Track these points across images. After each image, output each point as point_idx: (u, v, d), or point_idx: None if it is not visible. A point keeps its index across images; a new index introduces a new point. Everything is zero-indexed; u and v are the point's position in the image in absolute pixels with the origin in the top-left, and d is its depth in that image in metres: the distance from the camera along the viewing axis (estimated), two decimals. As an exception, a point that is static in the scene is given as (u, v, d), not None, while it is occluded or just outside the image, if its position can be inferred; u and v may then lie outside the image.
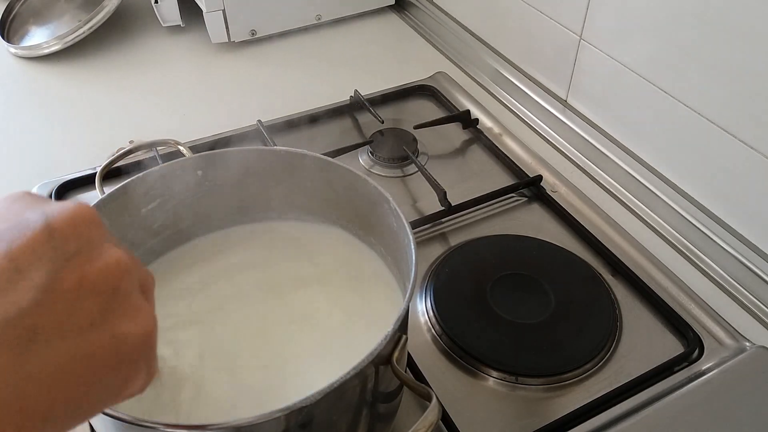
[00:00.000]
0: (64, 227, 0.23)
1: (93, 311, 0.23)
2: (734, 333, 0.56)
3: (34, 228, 0.22)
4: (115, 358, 0.24)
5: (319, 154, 0.49)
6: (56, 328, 0.22)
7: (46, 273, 0.22)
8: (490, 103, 0.86)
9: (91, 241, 0.24)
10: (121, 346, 0.24)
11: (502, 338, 0.55)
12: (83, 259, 0.23)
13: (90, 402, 0.23)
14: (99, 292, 0.23)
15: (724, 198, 0.63)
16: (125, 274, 0.24)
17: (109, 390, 0.24)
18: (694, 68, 0.62)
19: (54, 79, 0.92)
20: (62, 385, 0.22)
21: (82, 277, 0.23)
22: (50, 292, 0.22)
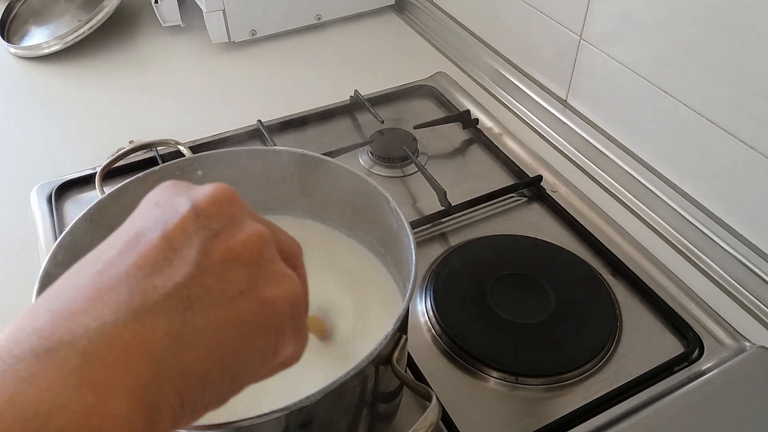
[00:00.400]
0: (208, 206, 0.25)
1: (240, 280, 0.25)
2: (734, 333, 0.56)
3: (183, 211, 0.25)
4: (264, 322, 0.25)
5: (319, 154, 0.49)
6: (208, 296, 0.24)
7: (197, 249, 0.24)
8: (490, 103, 0.86)
9: (233, 217, 0.26)
10: (268, 311, 0.25)
11: (502, 338, 0.55)
12: (227, 234, 0.25)
13: (244, 366, 0.25)
14: (244, 263, 0.25)
15: (724, 198, 0.63)
16: (265, 244, 0.26)
17: (261, 355, 0.26)
18: (694, 68, 0.62)
19: (54, 79, 0.92)
20: (217, 349, 0.23)
21: (227, 249, 0.25)
22: (200, 265, 0.24)
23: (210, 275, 0.24)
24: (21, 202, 0.70)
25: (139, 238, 0.24)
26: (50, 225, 0.66)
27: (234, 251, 0.25)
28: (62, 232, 0.42)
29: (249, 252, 0.25)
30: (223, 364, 0.24)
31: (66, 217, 0.68)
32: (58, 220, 0.67)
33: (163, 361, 0.22)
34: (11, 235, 0.68)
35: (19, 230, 0.68)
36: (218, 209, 0.26)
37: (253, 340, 0.25)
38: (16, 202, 0.71)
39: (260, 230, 0.26)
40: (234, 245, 0.25)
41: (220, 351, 0.23)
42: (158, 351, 0.22)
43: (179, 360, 0.22)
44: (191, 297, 0.23)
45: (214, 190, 0.26)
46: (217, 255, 0.24)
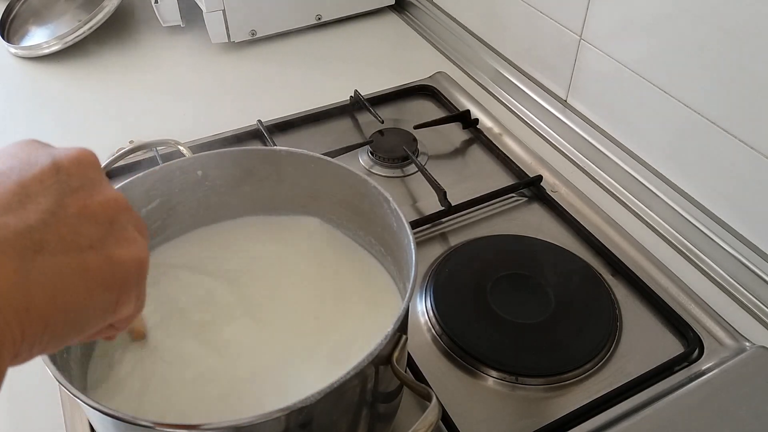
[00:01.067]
0: (69, 165, 0.26)
1: (92, 235, 0.26)
2: (734, 333, 0.56)
3: (43, 164, 0.26)
4: (109, 278, 0.26)
5: (319, 154, 0.49)
6: (59, 243, 0.25)
7: (53, 199, 0.25)
8: (490, 103, 0.86)
9: (93, 180, 0.27)
10: (115, 269, 0.27)
11: (502, 338, 0.55)
12: (86, 192, 0.26)
13: (85, 316, 0.26)
14: (98, 221, 0.26)
15: (724, 198, 0.63)
16: (122, 209, 0.28)
17: (102, 309, 0.27)
18: (694, 68, 0.62)
19: (54, 79, 0.92)
20: (62, 293, 0.24)
21: (84, 206, 0.26)
22: (55, 214, 0.25)
23: (63, 226, 0.25)
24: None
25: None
26: (50, 225, 0.66)
27: (90, 209, 0.26)
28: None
29: (105, 212, 0.27)
30: (66, 310, 0.25)
31: (66, 217, 0.68)
32: (58, 220, 0.67)
33: (10, 296, 0.23)
34: (11, 235, 0.68)
35: (19, 230, 0.68)
36: (79, 169, 0.27)
37: (97, 293, 0.26)
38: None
39: (118, 196, 0.28)
40: (91, 204, 0.26)
41: (64, 297, 0.24)
42: (7, 286, 0.22)
43: (26, 298, 0.23)
44: (42, 242, 0.24)
45: (77, 152, 0.27)
46: (73, 209, 0.25)
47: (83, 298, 0.25)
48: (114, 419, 0.32)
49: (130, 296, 0.28)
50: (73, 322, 0.26)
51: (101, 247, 0.26)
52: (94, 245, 0.26)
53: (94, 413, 0.33)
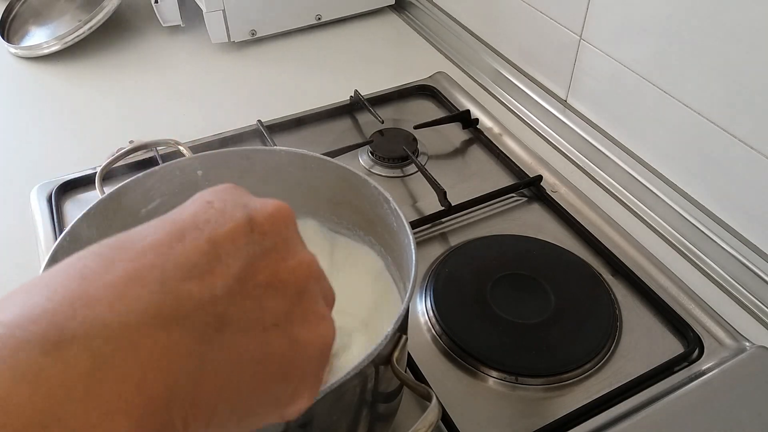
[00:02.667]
0: (264, 222, 0.23)
1: (278, 311, 0.23)
2: (734, 333, 0.56)
3: (237, 219, 0.23)
4: (290, 364, 0.23)
5: (319, 154, 0.49)
6: (242, 320, 0.21)
7: (243, 263, 0.22)
8: (490, 103, 0.86)
9: (287, 240, 0.24)
10: (298, 354, 0.23)
11: (502, 338, 0.55)
12: (278, 255, 0.23)
13: (255, 411, 0.23)
14: (287, 292, 0.23)
15: (724, 198, 0.63)
16: (313, 277, 0.24)
17: (275, 401, 0.23)
18: (694, 68, 0.62)
19: (54, 79, 0.92)
20: (235, 383, 0.21)
21: (275, 272, 0.23)
22: (243, 282, 0.22)
23: (249, 297, 0.22)
24: (21, 202, 0.70)
25: (184, 233, 0.22)
26: (50, 225, 0.66)
27: (281, 276, 0.23)
28: (62, 233, 0.42)
29: (295, 280, 0.23)
30: (235, 402, 0.21)
31: (66, 217, 0.68)
32: (58, 220, 0.67)
33: (179, 385, 0.19)
34: (11, 235, 0.68)
35: (19, 230, 0.68)
36: (274, 227, 0.24)
37: (275, 383, 0.23)
38: (16, 202, 0.71)
39: (311, 260, 0.25)
40: (282, 269, 0.23)
41: (237, 386, 0.21)
42: (177, 372, 0.19)
43: (196, 386, 0.20)
44: (224, 317, 0.21)
45: (273, 207, 0.24)
46: (263, 275, 0.22)
47: (256, 390, 0.22)
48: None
49: (307, 385, 0.24)
50: (241, 416, 0.22)
51: (286, 324, 0.23)
52: (279, 323, 0.22)
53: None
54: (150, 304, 0.19)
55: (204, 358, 0.20)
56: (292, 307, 0.23)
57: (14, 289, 0.19)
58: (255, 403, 0.22)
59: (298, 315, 0.23)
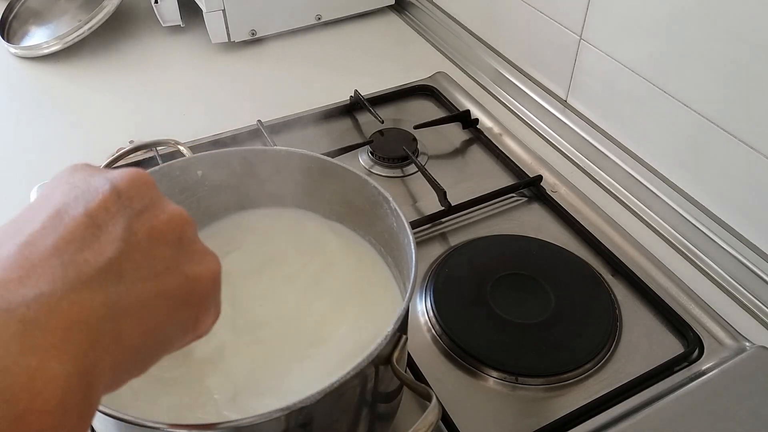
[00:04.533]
0: (129, 188, 0.26)
1: (166, 257, 0.26)
2: (734, 333, 0.56)
3: (103, 191, 0.26)
4: (189, 296, 0.27)
5: (319, 154, 0.49)
6: (138, 271, 0.25)
7: (122, 227, 0.25)
8: (490, 103, 0.86)
9: (153, 199, 0.27)
10: (193, 285, 0.27)
11: (502, 338, 0.55)
12: (150, 214, 0.26)
13: (169, 336, 0.27)
14: (167, 241, 0.26)
15: (725, 198, 0.63)
16: (187, 224, 0.28)
17: (183, 326, 0.27)
18: (694, 68, 0.62)
19: (54, 79, 0.92)
20: (148, 319, 0.25)
21: (152, 228, 0.26)
22: (128, 242, 0.25)
23: (137, 252, 0.25)
24: (21, 202, 0.70)
25: (61, 214, 0.25)
26: (50, 225, 0.66)
27: (158, 230, 0.26)
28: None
29: (172, 231, 0.27)
30: (154, 332, 0.25)
31: (66, 217, 0.68)
32: (58, 220, 0.67)
33: (101, 330, 0.23)
34: (11, 235, 0.68)
35: (19, 230, 0.68)
36: (138, 191, 0.26)
37: (178, 312, 0.26)
38: (16, 202, 0.71)
39: (180, 210, 0.28)
40: (158, 224, 0.26)
41: (151, 320, 0.25)
42: (96, 320, 0.23)
43: (116, 329, 0.23)
44: (122, 271, 0.24)
45: (132, 174, 0.27)
46: (142, 233, 0.25)
47: (167, 320, 0.26)
48: (115, 420, 0.32)
49: (209, 309, 0.28)
50: (159, 344, 0.26)
51: (176, 266, 0.26)
52: (170, 266, 0.26)
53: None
54: (56, 276, 0.23)
55: (116, 305, 0.23)
56: (177, 252, 0.27)
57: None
58: (169, 330, 0.26)
59: (184, 256, 0.27)
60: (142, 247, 0.25)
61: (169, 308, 0.26)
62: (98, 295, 0.23)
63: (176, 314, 0.26)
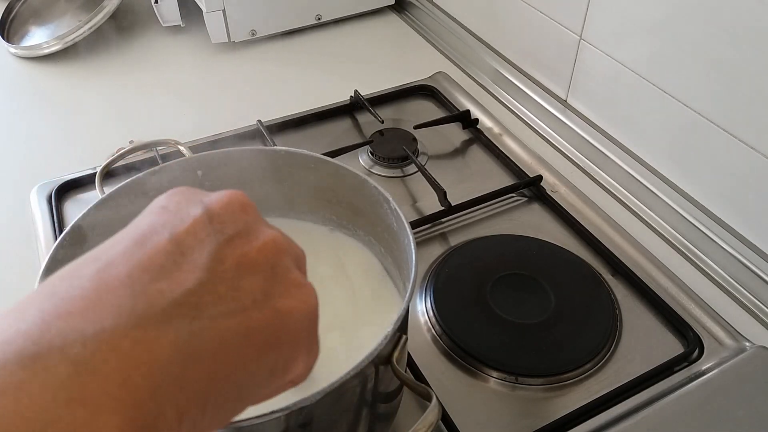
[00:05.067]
0: (222, 212, 0.24)
1: (254, 289, 0.23)
2: (734, 333, 0.56)
3: (194, 215, 0.23)
4: (277, 335, 0.23)
5: (319, 154, 0.49)
6: (219, 305, 0.22)
7: (208, 254, 0.22)
8: (490, 103, 0.86)
9: (248, 223, 0.25)
10: (284, 323, 0.24)
11: (502, 338, 0.55)
12: (242, 240, 0.24)
13: (251, 383, 0.23)
14: (258, 271, 0.24)
15: (724, 198, 0.63)
16: (282, 252, 0.25)
17: (270, 371, 0.24)
18: (694, 68, 0.62)
19: (54, 79, 0.92)
20: (224, 362, 0.21)
21: (242, 255, 0.23)
22: (212, 271, 0.22)
23: (222, 283, 0.22)
24: (21, 202, 0.70)
25: (145, 239, 0.22)
26: (50, 225, 0.66)
27: (249, 257, 0.23)
28: (62, 232, 0.42)
29: (265, 259, 0.24)
30: (228, 379, 0.22)
31: (66, 217, 0.68)
32: (58, 220, 0.67)
33: (164, 375, 0.20)
34: (11, 235, 0.68)
35: (19, 230, 0.68)
36: (232, 215, 0.24)
37: (264, 355, 0.23)
38: (16, 202, 0.71)
39: (276, 237, 0.25)
40: (249, 251, 0.24)
41: (227, 365, 0.22)
42: (160, 363, 0.20)
43: (183, 374, 0.20)
44: (200, 305, 0.21)
45: (228, 196, 0.25)
46: (230, 261, 0.23)
47: (248, 364, 0.22)
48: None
49: (300, 351, 0.25)
50: (238, 392, 0.22)
51: (265, 300, 0.23)
52: (257, 299, 0.23)
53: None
54: (122, 308, 0.20)
55: (186, 346, 0.20)
56: (268, 283, 0.24)
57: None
58: (250, 377, 0.23)
59: (276, 288, 0.24)
60: (228, 276, 0.22)
61: (252, 349, 0.22)
62: (167, 333, 0.20)
63: (262, 356, 0.23)
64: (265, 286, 0.23)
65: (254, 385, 0.23)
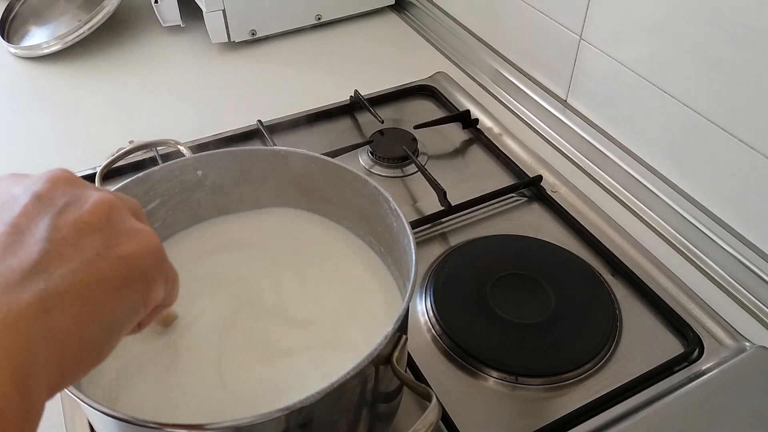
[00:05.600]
0: (47, 190, 0.27)
1: (95, 244, 0.26)
2: (734, 333, 0.56)
3: (23, 198, 0.26)
4: (127, 275, 0.27)
5: (319, 154, 0.49)
6: (66, 264, 0.25)
7: (44, 227, 0.25)
8: (490, 103, 0.86)
9: (74, 194, 0.27)
10: (129, 265, 0.27)
11: (502, 338, 0.55)
12: (73, 207, 0.26)
13: (117, 318, 0.26)
14: (95, 229, 0.26)
15: (724, 198, 0.63)
16: (113, 208, 0.28)
17: (132, 305, 0.27)
18: (694, 68, 0.62)
19: (54, 79, 0.92)
20: (85, 307, 0.25)
21: (76, 220, 0.26)
22: (52, 240, 0.25)
23: (65, 246, 0.25)
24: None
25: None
26: (50, 225, 0.66)
27: (83, 220, 0.26)
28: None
29: (98, 218, 0.27)
30: (95, 320, 0.25)
31: (66, 217, 0.68)
32: (58, 220, 0.67)
33: (32, 330, 0.22)
34: (11, 235, 0.68)
35: (19, 230, 0.68)
36: (57, 189, 0.27)
37: (120, 294, 0.26)
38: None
39: (105, 196, 0.28)
40: (82, 215, 0.26)
41: (89, 309, 0.25)
42: (26, 321, 0.22)
43: (50, 326, 0.23)
44: (50, 268, 0.24)
45: (51, 174, 0.27)
46: (67, 228, 0.26)
47: (108, 303, 0.26)
48: (115, 420, 0.32)
49: (156, 282, 0.28)
50: (106, 328, 0.26)
51: (107, 250, 0.26)
52: (100, 251, 0.26)
53: (93, 412, 0.33)
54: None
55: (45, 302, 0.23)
56: (106, 236, 0.26)
57: None
58: (114, 314, 0.26)
59: (115, 239, 0.27)
60: (69, 241, 0.25)
61: (107, 292, 0.26)
62: (27, 295, 0.23)
63: (118, 296, 0.26)
64: (104, 239, 0.26)
65: (120, 319, 0.27)
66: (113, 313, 0.26)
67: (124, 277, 0.26)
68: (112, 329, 0.26)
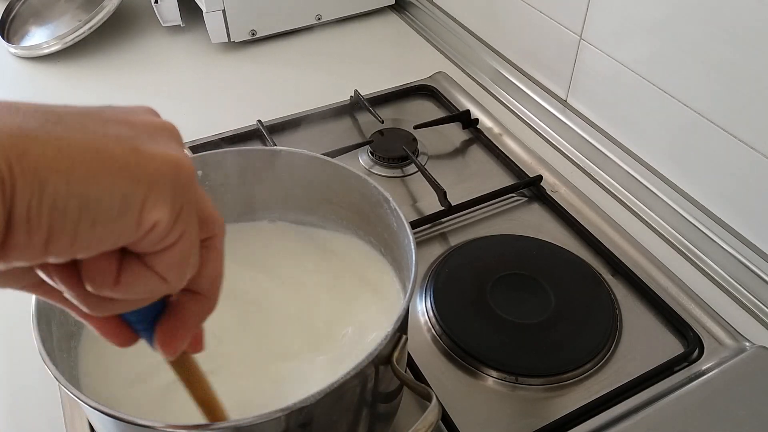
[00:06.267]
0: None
1: (121, 133, 0.24)
2: (734, 333, 0.56)
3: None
4: (135, 168, 0.23)
5: (319, 154, 0.49)
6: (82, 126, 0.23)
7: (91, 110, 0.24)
8: (490, 103, 0.86)
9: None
10: (143, 160, 0.23)
11: (502, 338, 0.55)
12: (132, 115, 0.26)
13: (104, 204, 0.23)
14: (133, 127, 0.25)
15: (724, 198, 0.63)
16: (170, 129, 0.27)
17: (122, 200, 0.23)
18: (694, 68, 0.62)
19: (54, 79, 0.92)
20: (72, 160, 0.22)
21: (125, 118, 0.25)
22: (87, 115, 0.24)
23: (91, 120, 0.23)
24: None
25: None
26: (50, 225, 0.66)
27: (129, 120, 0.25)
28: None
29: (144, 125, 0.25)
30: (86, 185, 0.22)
31: (66, 217, 0.68)
32: (58, 220, 0.67)
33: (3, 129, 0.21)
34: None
35: (19, 230, 0.68)
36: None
37: (117, 178, 0.23)
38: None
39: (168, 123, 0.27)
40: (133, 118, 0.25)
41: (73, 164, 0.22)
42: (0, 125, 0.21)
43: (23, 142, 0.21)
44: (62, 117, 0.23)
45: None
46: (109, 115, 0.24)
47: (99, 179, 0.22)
48: (115, 420, 0.32)
49: (163, 198, 0.24)
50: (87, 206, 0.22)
51: (128, 140, 0.23)
52: (121, 138, 0.23)
53: (93, 412, 0.33)
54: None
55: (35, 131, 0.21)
56: (137, 134, 0.24)
57: None
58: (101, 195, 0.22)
59: (143, 138, 0.24)
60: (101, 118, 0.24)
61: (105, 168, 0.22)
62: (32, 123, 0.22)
63: (115, 181, 0.22)
64: (132, 134, 0.24)
65: (107, 207, 0.23)
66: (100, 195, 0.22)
67: (131, 169, 0.23)
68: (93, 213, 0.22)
